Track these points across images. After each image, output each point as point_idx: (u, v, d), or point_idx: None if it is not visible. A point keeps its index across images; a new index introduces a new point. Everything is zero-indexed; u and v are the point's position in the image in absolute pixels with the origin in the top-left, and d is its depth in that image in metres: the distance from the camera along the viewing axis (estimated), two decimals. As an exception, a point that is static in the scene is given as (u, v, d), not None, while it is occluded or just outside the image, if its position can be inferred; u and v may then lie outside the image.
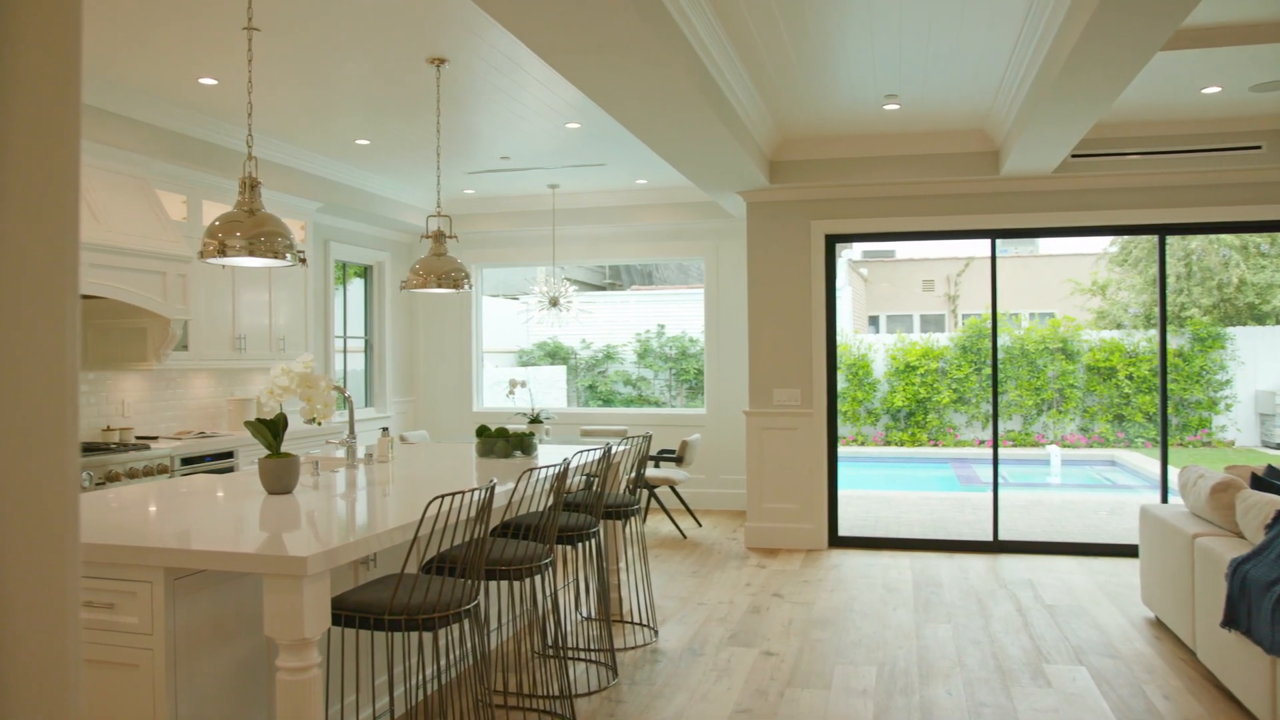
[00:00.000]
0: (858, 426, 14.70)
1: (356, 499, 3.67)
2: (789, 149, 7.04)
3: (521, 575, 3.47)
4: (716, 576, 6.30)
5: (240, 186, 3.51)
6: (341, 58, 5.00)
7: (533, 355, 15.91)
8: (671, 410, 11.06)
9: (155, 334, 5.83)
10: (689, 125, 5.32)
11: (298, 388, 3.72)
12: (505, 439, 4.98)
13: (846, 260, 17.92)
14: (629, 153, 7.27)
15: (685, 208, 8.93)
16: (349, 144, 6.93)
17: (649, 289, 20.84)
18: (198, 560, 2.61)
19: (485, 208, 9.49)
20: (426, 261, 5.04)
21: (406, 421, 9.89)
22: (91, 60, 4.99)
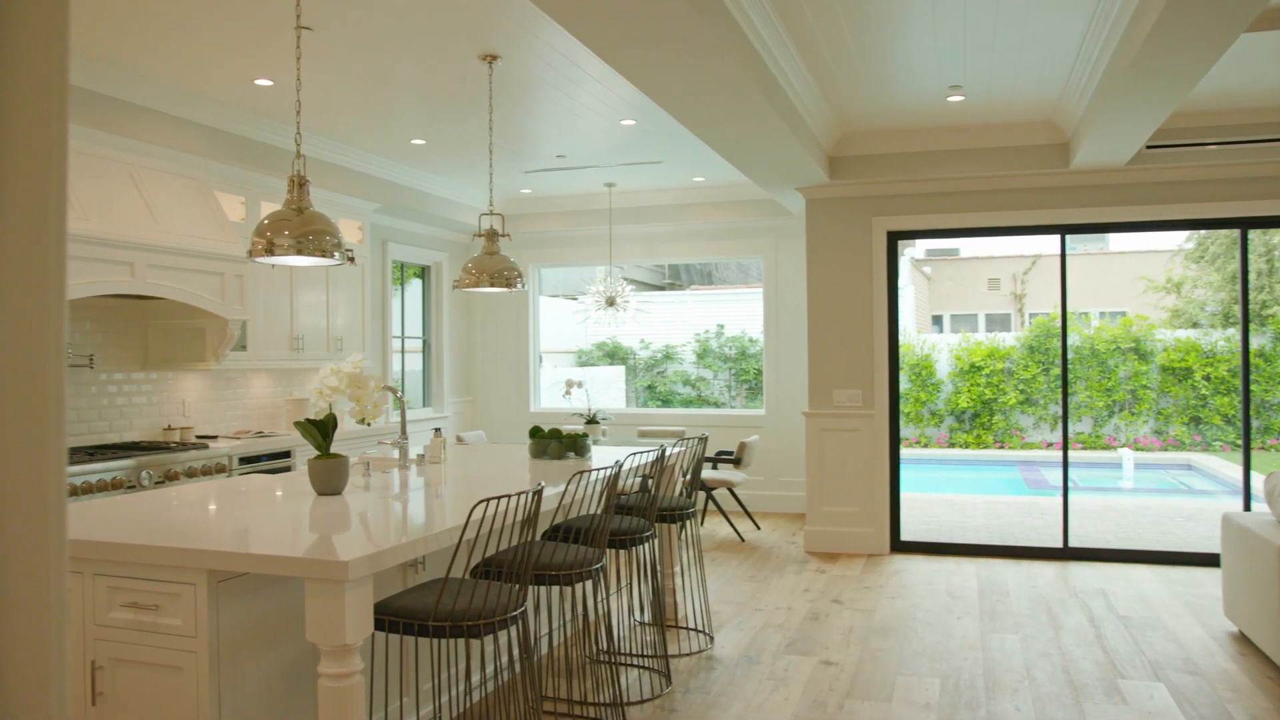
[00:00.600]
0: (921, 428, 14.40)
1: (405, 501, 3.62)
2: (849, 144, 6.87)
3: (571, 581, 3.38)
4: (775, 581, 6.16)
5: (289, 185, 3.48)
6: (393, 56, 4.97)
7: (591, 355, 15.88)
8: (730, 411, 10.91)
9: (213, 334, 5.88)
10: (745, 120, 5.20)
11: (347, 388, 3.68)
12: (558, 440, 4.91)
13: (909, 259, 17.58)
14: (685, 150, 7.16)
15: (743, 205, 8.80)
16: (405, 144, 6.93)
17: (708, 289, 20.69)
18: (240, 563, 2.57)
19: (542, 207, 9.45)
20: (479, 260, 5.00)
21: (464, 422, 9.91)
22: (149, 63, 5.04)
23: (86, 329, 5.61)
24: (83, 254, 4.83)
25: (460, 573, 3.06)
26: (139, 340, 5.98)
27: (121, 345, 5.86)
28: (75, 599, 2.78)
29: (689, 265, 21.85)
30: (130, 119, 5.30)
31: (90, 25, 4.48)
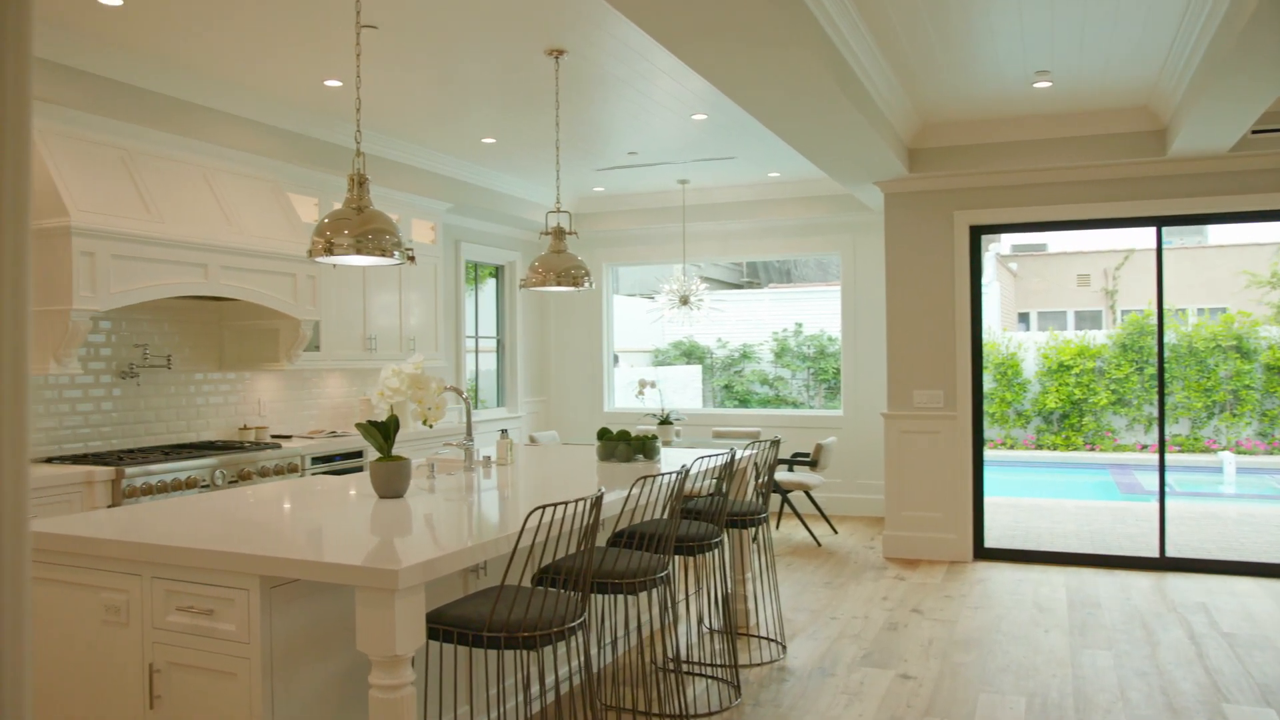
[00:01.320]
0: (1006, 429, 13.92)
1: (467, 504, 3.55)
2: (929, 135, 6.61)
3: (634, 590, 3.27)
4: (851, 588, 5.96)
5: (349, 184, 3.44)
6: (459, 53, 4.93)
7: (668, 355, 15.77)
8: (807, 412, 10.67)
9: (286, 335, 5.93)
10: (820, 112, 5.02)
11: (408, 389, 3.63)
12: (626, 442, 4.80)
13: (994, 255, 17.04)
14: (759, 144, 6.99)
15: (820, 201, 8.58)
16: (475, 143, 6.91)
17: (786, 287, 20.42)
18: (290, 569, 2.52)
19: (615, 205, 9.37)
20: (546, 259, 4.92)
21: (538, 422, 9.89)
22: (221, 67, 5.08)
23: (164, 330, 5.70)
24: (157, 256, 4.89)
25: (520, 580, 2.97)
26: (215, 341, 6.06)
27: (199, 346, 5.94)
28: (134, 601, 2.76)
29: (767, 263, 21.59)
30: (204, 122, 5.36)
31: (162, 30, 4.53)
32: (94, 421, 5.30)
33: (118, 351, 5.43)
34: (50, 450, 5.06)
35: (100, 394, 5.33)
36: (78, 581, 2.88)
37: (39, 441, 5.01)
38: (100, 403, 5.33)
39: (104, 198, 4.74)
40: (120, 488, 4.64)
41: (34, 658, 2.96)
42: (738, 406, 14.54)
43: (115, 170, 4.92)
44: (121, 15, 4.34)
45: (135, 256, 4.79)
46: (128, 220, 4.79)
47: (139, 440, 5.52)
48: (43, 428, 5.03)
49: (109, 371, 5.37)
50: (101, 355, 5.34)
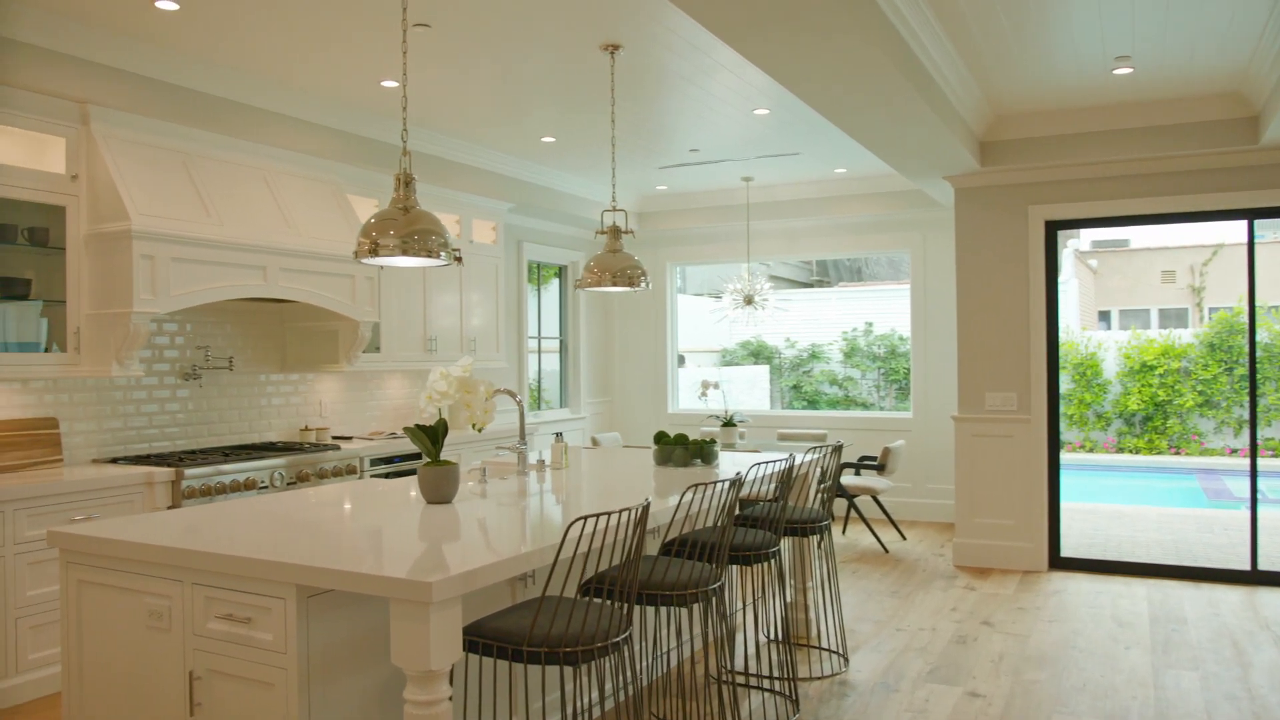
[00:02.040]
0: (1085, 431, 13.43)
1: (515, 511, 3.47)
2: (1002, 127, 6.35)
3: (684, 602, 3.15)
4: (919, 598, 5.74)
5: (395, 183, 3.38)
6: (513, 51, 4.85)
7: (735, 355, 15.59)
8: (875, 414, 10.40)
9: (346, 336, 5.94)
10: (885, 104, 4.84)
11: (456, 393, 3.56)
12: (684, 446, 4.68)
13: (1073, 251, 16.47)
14: (824, 140, 6.81)
15: (888, 197, 8.34)
16: (535, 142, 6.85)
17: (856, 285, 20.06)
18: (325, 579, 2.45)
19: (678, 204, 9.25)
20: (602, 258, 4.82)
21: (601, 423, 9.82)
22: (278, 68, 5.09)
23: (227, 332, 5.75)
24: (216, 259, 4.92)
25: (565, 590, 2.87)
26: (278, 342, 6.10)
27: (261, 347, 5.99)
28: (175, 607, 2.74)
29: (837, 261, 21.25)
30: (264, 125, 5.38)
31: (218, 33, 4.54)
32: (159, 422, 5.36)
33: (183, 353, 5.49)
34: (116, 450, 5.13)
35: (165, 395, 5.39)
36: (123, 586, 2.86)
37: (105, 442, 5.08)
38: (165, 404, 5.40)
39: (164, 201, 4.79)
40: (180, 489, 4.67)
41: (82, 660, 2.96)
42: (806, 407, 14.31)
43: (176, 173, 4.96)
44: (178, 19, 4.36)
45: (195, 259, 4.82)
46: (187, 223, 4.82)
47: (202, 441, 5.58)
48: (108, 428, 5.11)
49: (173, 373, 5.43)
50: (166, 357, 5.41)
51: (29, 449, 4.70)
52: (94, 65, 4.55)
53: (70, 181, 4.62)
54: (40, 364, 4.54)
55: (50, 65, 4.39)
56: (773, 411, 12.17)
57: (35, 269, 4.69)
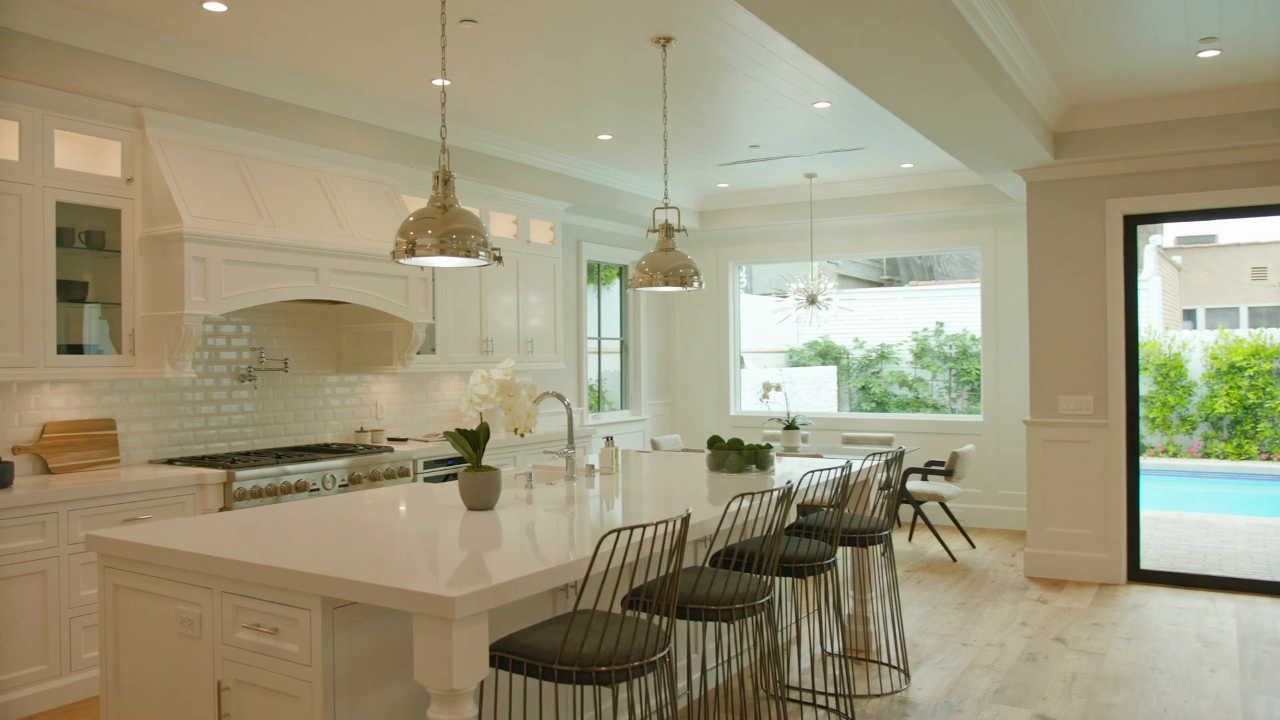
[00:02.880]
0: (1169, 435, 12.87)
1: (557, 519, 3.36)
2: (1076, 116, 6.05)
3: (729, 618, 3.00)
4: (987, 611, 5.49)
5: (433, 181, 3.29)
6: (563, 46, 4.75)
7: (803, 355, 15.34)
8: (944, 417, 10.08)
9: (399, 338, 5.90)
10: (948, 93, 4.61)
11: (497, 396, 3.47)
12: (738, 452, 4.52)
13: (1155, 247, 15.83)
14: (889, 134, 6.58)
15: (957, 192, 8.05)
16: (592, 140, 6.74)
17: (927, 284, 19.60)
18: (348, 590, 2.36)
19: (740, 201, 9.07)
20: (653, 258, 4.69)
21: (662, 425, 9.69)
22: (329, 68, 5.07)
23: (283, 334, 5.76)
24: (267, 260, 4.91)
25: (601, 603, 2.75)
26: (333, 344, 6.10)
27: (317, 349, 5.99)
28: (206, 615, 2.68)
29: (908, 259, 20.82)
30: (317, 126, 5.37)
31: (265, 33, 4.53)
32: (215, 424, 5.39)
33: (239, 355, 5.51)
34: (172, 452, 5.17)
35: (221, 396, 5.41)
36: (157, 592, 2.82)
37: (161, 443, 5.12)
38: (221, 405, 5.42)
39: (217, 203, 4.79)
40: (231, 491, 4.67)
41: (118, 665, 2.93)
42: (874, 409, 14.00)
43: (229, 176, 4.97)
44: (226, 20, 4.35)
45: (246, 261, 4.82)
46: (239, 225, 4.82)
47: (258, 442, 5.59)
48: (165, 429, 5.14)
49: (229, 375, 5.46)
50: (222, 359, 5.43)
51: (86, 450, 4.75)
52: (147, 69, 4.57)
53: (125, 185, 4.65)
54: (96, 366, 4.58)
55: (105, 70, 4.41)
56: (839, 414, 11.91)
57: (92, 272, 4.74)
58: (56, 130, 4.41)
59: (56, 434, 4.65)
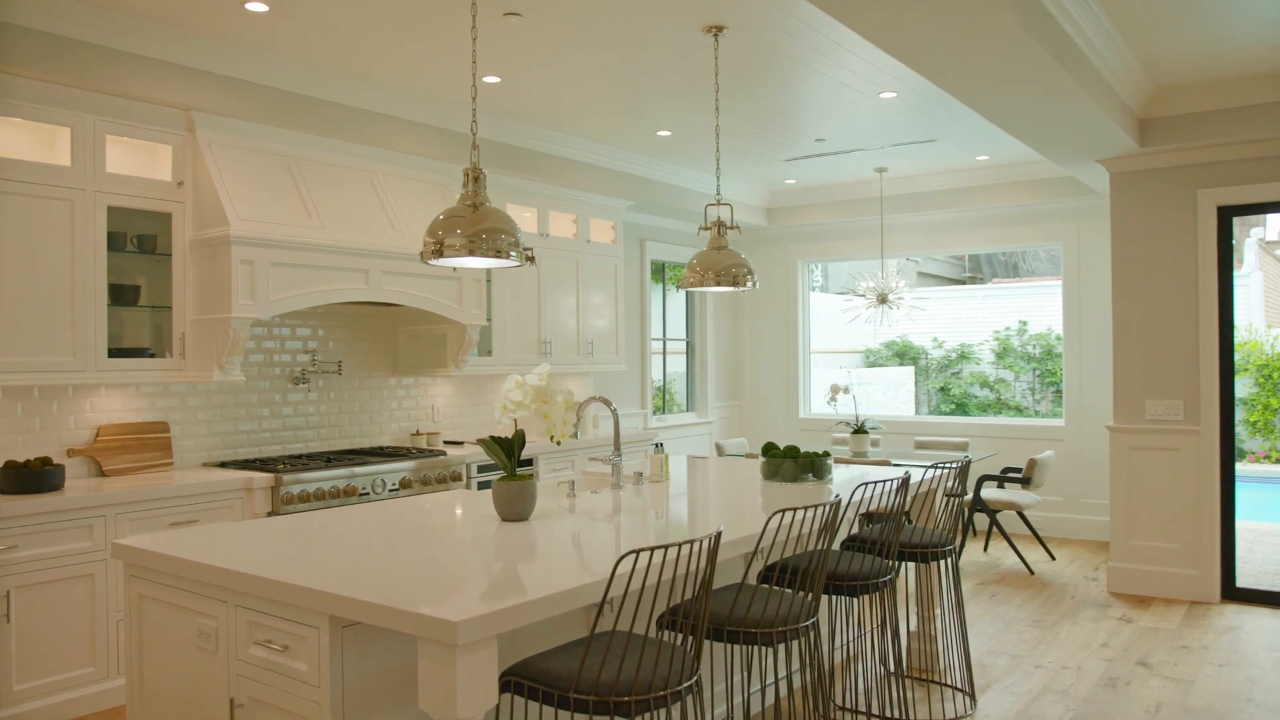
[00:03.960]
0: (1272, 440, 12.13)
1: (594, 532, 3.20)
2: (1164, 101, 5.66)
3: (770, 641, 2.80)
4: (1065, 629, 5.16)
5: (464, 178, 3.17)
6: (609, 37, 4.59)
7: (879, 355, 14.95)
8: (1022, 421, 9.64)
9: (453, 340, 5.83)
10: (1020, 79, 4.32)
11: (532, 403, 3.33)
12: (793, 460, 4.31)
13: (1255, 240, 14.97)
14: (961, 124, 6.26)
15: (1036, 185, 7.67)
16: (651, 136, 6.58)
17: (1010, 282, 18.93)
18: (353, 610, 2.24)
19: (809, 198, 8.81)
20: (705, 256, 4.50)
21: (729, 428, 9.47)
22: (376, 66, 5.00)
23: (339, 336, 5.73)
24: (316, 263, 4.87)
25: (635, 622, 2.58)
26: (389, 346, 6.06)
27: (373, 351, 5.96)
28: (222, 629, 2.60)
29: (991, 256, 20.16)
30: (369, 126, 5.32)
31: (309, 32, 4.47)
32: (270, 426, 5.38)
33: (294, 358, 5.50)
34: (225, 455, 5.17)
35: (276, 399, 5.40)
36: (177, 603, 2.75)
37: (214, 446, 5.12)
38: (276, 408, 5.41)
39: (265, 205, 4.76)
40: (279, 495, 4.64)
41: (143, 674, 2.87)
42: (954, 411, 13.56)
43: (280, 178, 4.95)
44: (269, 21, 4.31)
45: (294, 264, 4.78)
46: (288, 227, 4.79)
47: (312, 445, 5.57)
48: (218, 432, 5.15)
49: (283, 377, 5.44)
50: (277, 361, 5.42)
51: (139, 452, 4.77)
52: (197, 72, 4.56)
53: (176, 188, 4.65)
54: (147, 369, 4.59)
55: (156, 74, 4.42)
56: (913, 417, 11.54)
57: (145, 275, 4.75)
58: (108, 135, 4.42)
59: (111, 437, 4.68)
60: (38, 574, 3.93)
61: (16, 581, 3.88)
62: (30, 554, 3.91)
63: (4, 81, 4.04)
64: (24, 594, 3.90)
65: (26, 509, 3.91)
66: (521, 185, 6.46)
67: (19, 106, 4.12)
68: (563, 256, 6.88)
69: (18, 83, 4.08)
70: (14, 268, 4.12)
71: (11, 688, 3.88)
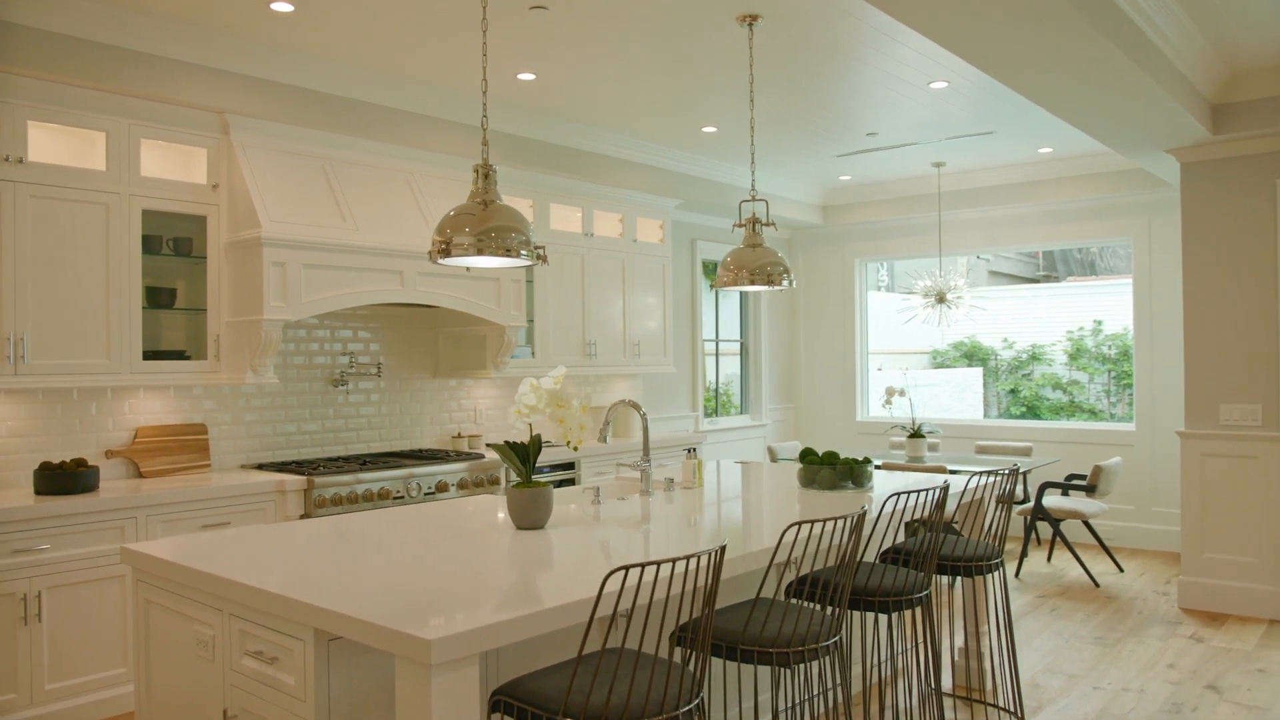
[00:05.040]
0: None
1: (610, 542, 3.07)
2: (1239, 85, 5.31)
3: (785, 662, 2.64)
4: (1129, 647, 4.87)
5: (474, 175, 3.07)
6: (639, 28, 4.46)
7: (947, 356, 14.55)
8: (1091, 425, 9.23)
9: (493, 341, 5.75)
10: (1078, 67, 4.07)
11: (546, 407, 3.21)
12: (831, 467, 4.13)
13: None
14: (1020, 115, 5.99)
15: (1104, 178, 7.31)
16: (695, 132, 6.43)
17: (1083, 280, 18.30)
18: (334, 623, 2.15)
19: (865, 195, 8.56)
20: (739, 254, 4.34)
21: (784, 431, 9.26)
22: (412, 67, 4.95)
23: (380, 338, 5.71)
24: (349, 264, 4.83)
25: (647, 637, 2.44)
26: (430, 348, 6.02)
27: (414, 353, 5.92)
28: (218, 638, 2.54)
29: (1067, 254, 19.50)
30: (405, 126, 5.27)
31: (339, 31, 4.43)
32: (309, 429, 5.37)
33: (333, 359, 5.48)
34: (264, 456, 5.17)
35: (314, 401, 5.39)
36: (178, 610, 2.71)
37: (253, 448, 5.12)
38: (317, 410, 5.40)
39: (298, 207, 4.74)
40: (311, 498, 4.61)
41: (150, 681, 2.83)
42: (1024, 413, 13.13)
43: (314, 179, 4.92)
44: (296, 21, 4.28)
45: (327, 265, 4.75)
46: (320, 228, 4.76)
47: (352, 447, 5.55)
48: (257, 434, 5.15)
49: (322, 379, 5.43)
50: (316, 363, 5.41)
51: (177, 454, 4.78)
52: (230, 75, 4.56)
53: (211, 191, 4.66)
54: (182, 371, 4.60)
55: (189, 77, 4.42)
56: (977, 420, 11.16)
57: (181, 278, 4.77)
58: (143, 139, 4.44)
59: (149, 438, 4.70)
60: (69, 575, 3.95)
61: (48, 582, 3.90)
62: (62, 555, 3.93)
63: (39, 88, 4.07)
64: (55, 594, 3.92)
65: (58, 510, 3.93)
66: (565, 184, 6.37)
67: (55, 112, 4.15)
68: (608, 256, 6.77)
69: (53, 89, 4.11)
70: (51, 271, 4.15)
71: (43, 687, 3.90)
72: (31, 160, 4.11)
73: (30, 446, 4.37)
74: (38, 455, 4.37)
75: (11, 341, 4.04)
